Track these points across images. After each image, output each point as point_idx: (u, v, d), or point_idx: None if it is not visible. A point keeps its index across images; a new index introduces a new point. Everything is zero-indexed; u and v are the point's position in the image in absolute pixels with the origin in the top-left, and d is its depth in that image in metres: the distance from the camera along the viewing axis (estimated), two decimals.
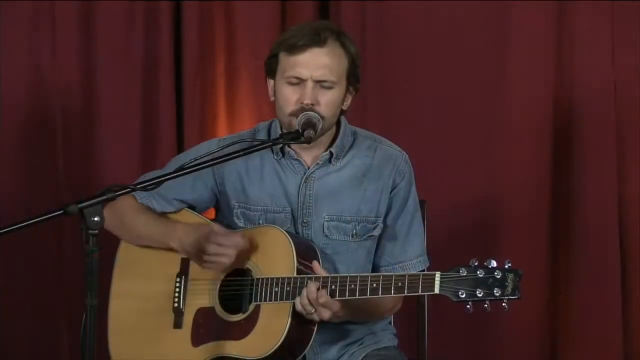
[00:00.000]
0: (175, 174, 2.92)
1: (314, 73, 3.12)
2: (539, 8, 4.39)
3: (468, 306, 2.91)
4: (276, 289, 3.08)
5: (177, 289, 3.22)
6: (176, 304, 3.22)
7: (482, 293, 2.90)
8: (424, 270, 3.25)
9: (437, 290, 2.94)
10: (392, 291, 2.98)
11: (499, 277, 2.90)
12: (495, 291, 2.89)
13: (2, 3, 4.32)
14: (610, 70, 4.36)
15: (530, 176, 4.40)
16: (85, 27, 4.40)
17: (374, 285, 3.00)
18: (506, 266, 2.91)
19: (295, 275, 3.07)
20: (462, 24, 4.42)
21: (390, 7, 4.44)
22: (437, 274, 2.95)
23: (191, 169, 2.94)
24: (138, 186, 2.86)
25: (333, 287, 3.03)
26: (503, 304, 2.90)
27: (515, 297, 2.90)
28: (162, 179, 2.89)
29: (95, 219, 2.63)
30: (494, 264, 2.92)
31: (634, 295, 4.35)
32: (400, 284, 2.98)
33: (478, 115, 4.42)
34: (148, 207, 3.30)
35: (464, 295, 2.91)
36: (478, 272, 2.91)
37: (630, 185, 4.36)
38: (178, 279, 3.23)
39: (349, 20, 4.41)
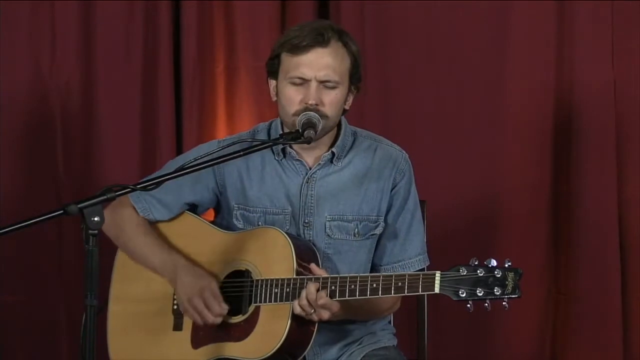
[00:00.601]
0: (175, 174, 2.91)
1: (317, 73, 3.12)
2: (539, 8, 4.38)
3: (468, 305, 2.91)
4: (276, 290, 3.07)
5: None
6: (176, 306, 3.20)
7: (483, 292, 2.90)
8: (424, 269, 3.25)
9: (437, 290, 2.94)
10: (393, 291, 2.98)
11: (499, 276, 2.90)
12: (495, 290, 2.89)
13: (2, 3, 4.31)
14: (610, 70, 4.36)
15: (530, 176, 4.40)
16: (85, 27, 4.40)
17: (374, 285, 3.00)
18: (506, 265, 2.91)
19: (294, 276, 3.07)
20: (462, 24, 4.41)
21: (390, 7, 4.43)
22: (437, 274, 2.95)
23: (191, 169, 2.93)
24: (138, 186, 2.85)
25: (333, 287, 3.03)
26: (503, 303, 2.90)
27: (516, 295, 2.90)
28: (163, 179, 2.88)
29: (95, 219, 2.63)
30: (494, 263, 2.92)
31: (634, 296, 4.34)
32: (400, 283, 2.98)
33: (478, 115, 4.41)
34: (148, 219, 3.27)
35: (464, 295, 2.91)
36: (478, 271, 2.91)
37: (630, 185, 4.35)
38: None
39: (349, 19, 4.40)
